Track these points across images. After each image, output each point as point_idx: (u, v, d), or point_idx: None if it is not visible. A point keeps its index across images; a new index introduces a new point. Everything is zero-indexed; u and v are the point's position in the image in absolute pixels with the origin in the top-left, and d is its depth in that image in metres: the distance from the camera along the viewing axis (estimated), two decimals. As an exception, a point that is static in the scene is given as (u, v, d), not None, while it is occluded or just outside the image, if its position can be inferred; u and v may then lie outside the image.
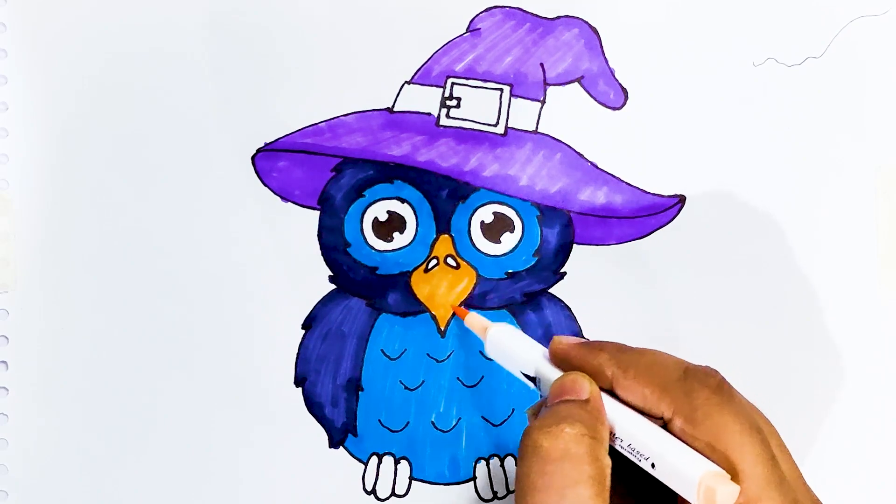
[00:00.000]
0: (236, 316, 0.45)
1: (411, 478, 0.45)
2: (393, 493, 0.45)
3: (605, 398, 0.35)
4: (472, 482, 0.45)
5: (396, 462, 0.45)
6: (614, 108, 0.45)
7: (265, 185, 0.45)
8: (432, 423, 0.45)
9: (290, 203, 0.45)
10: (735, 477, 0.32)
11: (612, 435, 0.35)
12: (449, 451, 0.45)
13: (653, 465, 0.34)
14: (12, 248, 0.44)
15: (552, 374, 0.37)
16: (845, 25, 0.46)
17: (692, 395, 0.34)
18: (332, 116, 0.45)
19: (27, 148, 0.44)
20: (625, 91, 0.45)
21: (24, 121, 0.44)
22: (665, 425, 0.34)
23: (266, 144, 0.45)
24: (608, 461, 0.34)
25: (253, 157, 0.45)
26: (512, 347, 0.39)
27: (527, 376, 0.38)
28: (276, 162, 0.45)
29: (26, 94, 0.44)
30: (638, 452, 0.34)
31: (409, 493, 0.45)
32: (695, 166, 0.45)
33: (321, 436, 0.45)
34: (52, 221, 0.44)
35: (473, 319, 0.41)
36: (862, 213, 0.46)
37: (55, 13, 0.44)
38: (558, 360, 0.38)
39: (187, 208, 0.44)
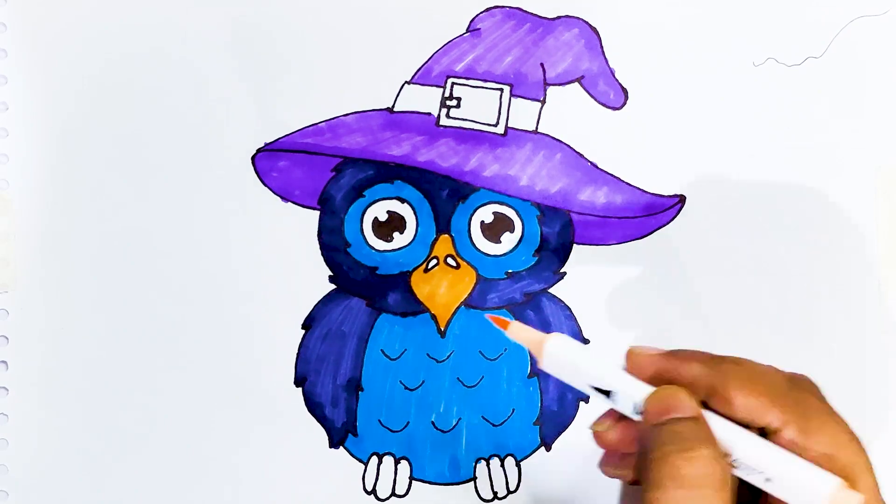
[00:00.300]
0: (236, 316, 0.45)
1: (411, 478, 0.45)
2: (393, 494, 0.45)
3: (707, 415, 0.33)
4: (472, 482, 0.45)
5: (396, 462, 0.45)
6: (614, 108, 0.45)
7: (265, 185, 0.45)
8: (432, 423, 0.45)
9: (290, 203, 0.45)
10: (854, 487, 0.32)
11: None
12: (449, 452, 0.45)
13: (767, 480, 0.32)
14: (12, 248, 0.44)
15: (635, 387, 0.34)
16: (845, 25, 0.46)
17: (804, 404, 0.33)
18: (332, 116, 0.45)
19: (27, 148, 0.44)
20: (625, 91, 0.45)
21: (24, 121, 0.44)
22: (766, 436, 0.33)
23: (266, 144, 0.45)
24: (733, 482, 0.33)
25: (253, 158, 0.45)
26: (578, 361, 0.35)
27: (598, 389, 0.35)
28: (277, 162, 0.45)
29: (26, 94, 0.44)
30: (748, 467, 0.33)
31: (409, 493, 0.45)
32: (695, 166, 0.45)
33: (321, 436, 0.45)
34: (51, 221, 0.44)
35: (520, 332, 0.36)
36: (862, 213, 0.46)
37: (55, 13, 0.44)
38: (639, 372, 0.35)
39: (187, 208, 0.44)
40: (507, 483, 0.45)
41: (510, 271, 0.45)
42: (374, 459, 0.45)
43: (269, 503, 0.45)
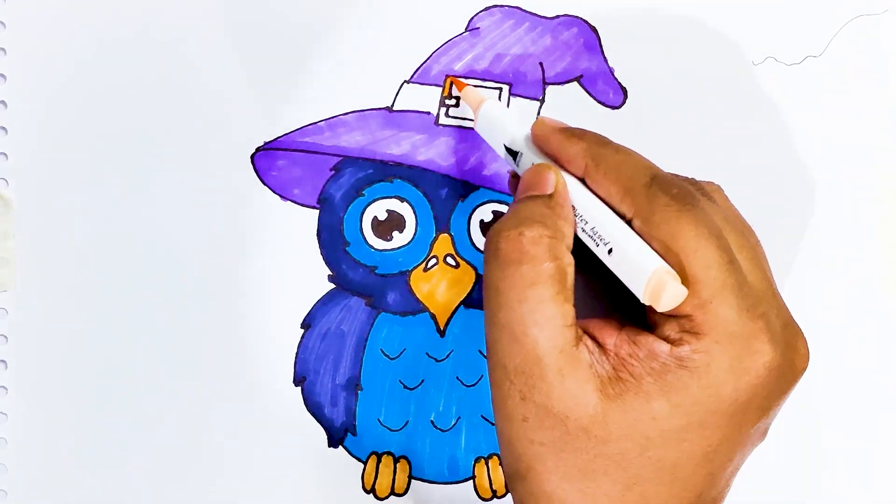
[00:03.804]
0: (235, 315, 0.45)
1: (410, 477, 0.45)
2: (392, 493, 0.45)
3: (576, 187, 0.36)
4: (471, 481, 0.45)
5: (396, 461, 0.45)
6: (613, 107, 0.45)
7: (264, 183, 0.45)
8: (431, 422, 0.45)
9: (289, 202, 0.45)
10: (685, 280, 0.32)
11: (575, 221, 0.35)
12: (448, 451, 0.45)
13: (610, 251, 0.34)
14: (11, 247, 0.44)
15: (530, 156, 0.38)
16: (845, 24, 0.46)
17: (654, 199, 0.33)
18: (331, 115, 0.45)
19: (27, 146, 0.44)
20: (624, 90, 0.45)
21: (23, 119, 0.44)
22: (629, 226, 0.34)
23: (265, 143, 0.45)
24: (570, 259, 0.34)
25: (252, 156, 0.45)
26: (501, 121, 0.40)
27: (510, 152, 0.39)
28: (276, 161, 0.45)
29: (26, 93, 0.44)
30: (598, 236, 0.34)
31: (409, 492, 0.45)
32: (693, 165, 0.45)
33: (320, 435, 0.45)
34: (51, 220, 0.44)
35: (470, 92, 0.42)
36: (862, 212, 0.46)
37: (54, 12, 0.44)
38: (540, 142, 0.38)
39: (186, 207, 0.44)
40: (505, 482, 0.45)
41: (509, 270, 0.45)
42: (374, 458, 0.45)
43: (268, 502, 0.45)
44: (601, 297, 0.37)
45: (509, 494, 0.45)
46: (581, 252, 0.35)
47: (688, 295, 0.32)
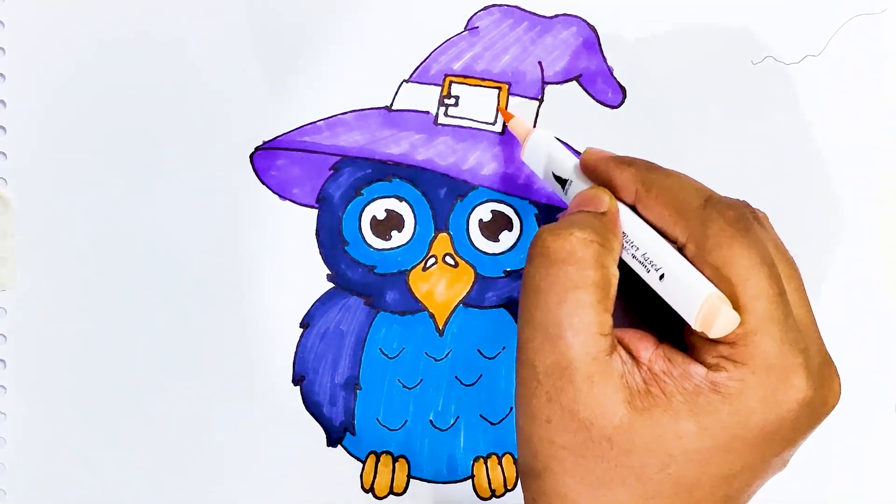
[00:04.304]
0: (234, 314, 0.45)
1: (409, 476, 0.45)
2: (391, 492, 0.45)
3: (627, 213, 0.36)
4: (470, 480, 0.45)
5: (394, 460, 0.45)
6: (612, 107, 0.45)
7: (263, 183, 0.45)
8: (430, 421, 0.45)
9: (288, 201, 0.45)
10: (737, 308, 0.32)
11: (625, 247, 0.35)
12: (447, 450, 0.45)
13: (661, 277, 0.34)
14: (10, 246, 0.44)
15: (580, 183, 0.38)
16: (844, 23, 0.46)
17: (707, 223, 0.33)
18: (330, 115, 0.45)
19: (26, 145, 0.44)
20: (623, 89, 0.45)
21: (22, 118, 0.44)
22: (680, 251, 0.34)
23: (264, 143, 0.45)
24: (616, 272, 0.34)
25: (251, 156, 0.45)
26: (550, 150, 0.41)
27: (558, 179, 0.40)
28: (275, 160, 0.45)
29: (25, 92, 0.44)
30: (650, 262, 0.34)
31: (407, 491, 0.45)
32: (693, 165, 0.45)
33: (319, 434, 0.45)
34: (50, 219, 0.44)
35: (517, 124, 0.43)
36: (861, 212, 0.46)
37: (54, 11, 0.44)
38: (588, 171, 0.38)
39: (185, 206, 0.44)
40: (504, 481, 0.45)
41: (509, 270, 0.45)
42: (372, 458, 0.45)
43: (267, 502, 0.45)
44: (637, 318, 0.37)
45: (508, 494, 0.45)
46: (622, 276, 0.35)
47: None
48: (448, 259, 0.45)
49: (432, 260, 0.45)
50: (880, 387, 0.46)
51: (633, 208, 0.36)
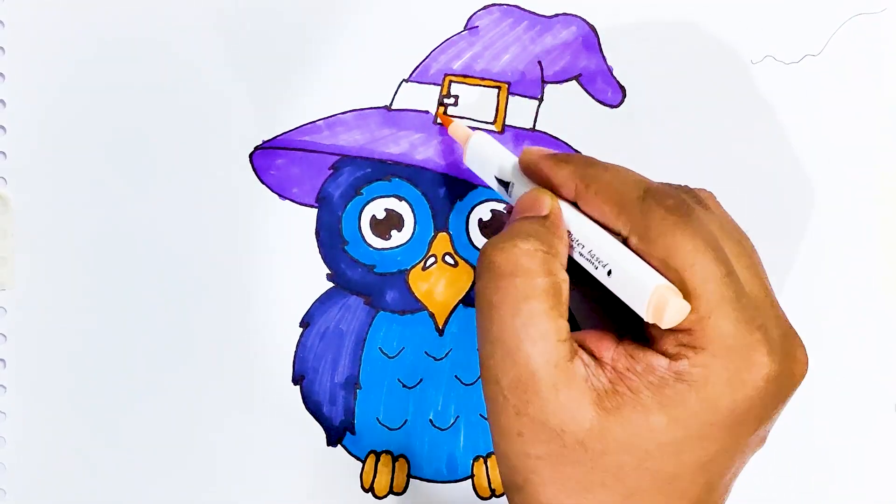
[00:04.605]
0: (234, 314, 0.45)
1: (409, 476, 0.45)
2: (391, 491, 0.45)
3: (570, 211, 0.36)
4: (469, 480, 0.45)
5: (394, 460, 0.45)
6: (612, 106, 0.45)
7: (263, 182, 0.45)
8: (430, 421, 0.45)
9: (287, 201, 0.45)
10: (686, 295, 0.32)
11: (572, 246, 0.35)
12: (447, 449, 0.45)
13: (609, 273, 0.34)
14: (10, 245, 0.44)
15: (522, 184, 0.38)
16: (844, 23, 0.46)
17: (648, 214, 0.33)
18: (329, 114, 0.45)
19: (25, 145, 0.44)
20: (622, 89, 0.45)
21: (22, 118, 0.44)
22: (625, 244, 0.34)
23: (264, 142, 0.45)
24: (564, 276, 0.34)
25: (251, 155, 0.45)
26: (489, 154, 0.41)
27: (500, 182, 0.40)
28: (274, 160, 0.45)
29: (25, 92, 0.44)
30: (596, 259, 0.34)
31: (407, 490, 0.45)
32: (692, 164, 0.45)
33: (319, 434, 0.45)
34: (49, 219, 0.44)
35: (457, 128, 0.43)
36: (861, 212, 0.46)
37: (54, 11, 0.44)
38: (528, 171, 0.38)
39: (185, 206, 0.44)
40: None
41: (508, 269, 0.45)
42: (372, 457, 0.45)
43: (267, 501, 0.45)
44: (596, 312, 0.37)
45: (508, 493, 0.45)
46: (574, 270, 0.35)
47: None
48: (448, 258, 0.45)
49: (432, 259, 0.45)
50: (880, 387, 0.46)
51: (575, 205, 0.36)
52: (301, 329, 0.45)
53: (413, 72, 0.45)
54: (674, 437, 0.32)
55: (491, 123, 0.45)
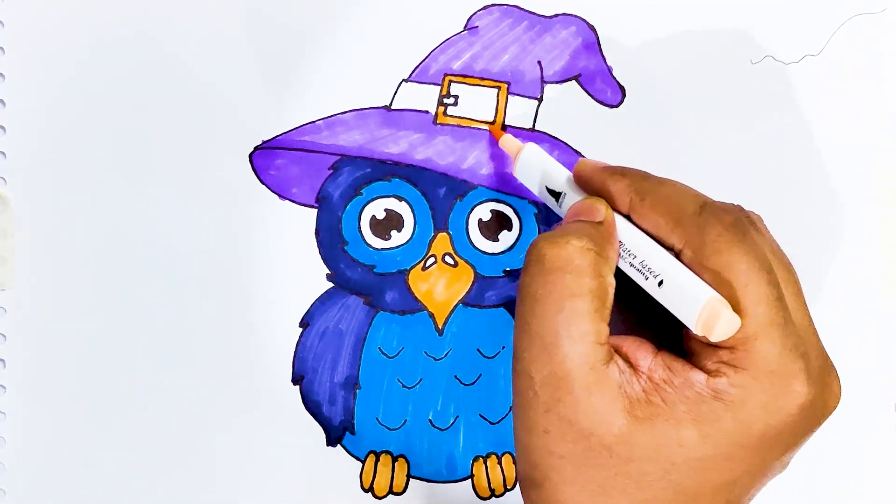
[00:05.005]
0: (234, 314, 0.45)
1: (409, 476, 0.45)
2: (390, 491, 0.45)
3: (622, 222, 0.36)
4: (469, 480, 0.45)
5: (394, 460, 0.45)
6: (612, 106, 0.45)
7: (262, 182, 0.45)
8: (430, 421, 0.45)
9: (287, 201, 0.45)
10: (737, 311, 0.32)
11: (621, 255, 0.35)
12: (446, 449, 0.45)
13: (660, 283, 0.34)
14: (10, 245, 0.44)
15: (574, 195, 0.38)
16: (843, 23, 0.46)
17: (704, 229, 0.33)
18: (329, 114, 0.45)
19: (25, 145, 0.44)
20: (622, 89, 0.45)
21: (22, 118, 0.44)
22: (677, 257, 0.34)
23: (263, 142, 0.45)
24: (612, 281, 0.34)
25: (250, 155, 0.45)
26: (542, 164, 0.41)
27: (551, 192, 0.40)
28: (274, 160, 0.45)
29: (24, 92, 0.44)
30: (648, 269, 0.34)
31: (407, 490, 0.45)
32: (692, 164, 0.45)
33: (319, 434, 0.45)
34: (49, 219, 0.44)
35: (508, 141, 0.43)
36: (861, 212, 0.46)
37: (53, 11, 0.44)
38: (582, 183, 0.38)
39: (185, 206, 0.44)
40: (504, 481, 0.45)
41: (508, 269, 0.45)
42: (372, 457, 0.45)
43: (266, 501, 0.45)
44: (628, 324, 0.37)
45: (507, 494, 0.45)
46: (617, 285, 0.35)
47: None
48: (447, 259, 0.45)
49: (432, 259, 0.45)
50: (880, 387, 0.46)
51: (629, 217, 0.36)
52: (301, 329, 0.45)
53: (413, 72, 0.45)
54: (703, 454, 0.32)
55: (491, 123, 0.45)
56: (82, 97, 0.44)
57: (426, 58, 0.45)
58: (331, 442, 0.45)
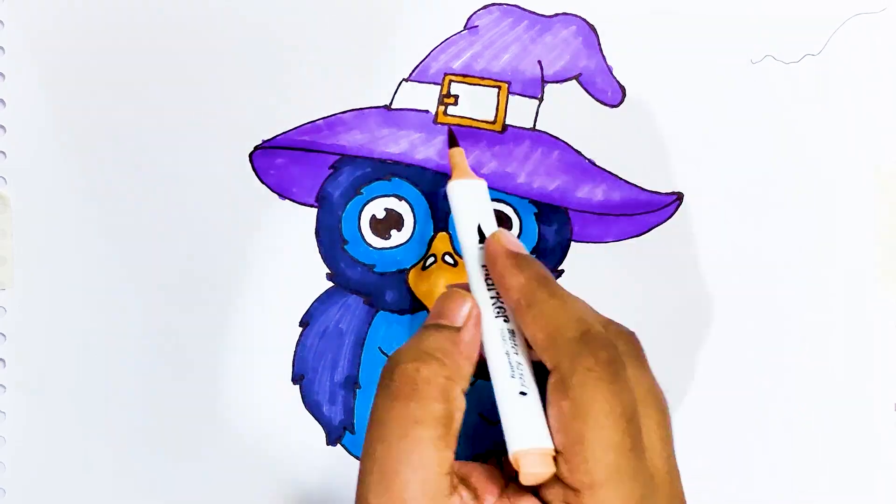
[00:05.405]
0: (234, 313, 0.45)
1: (409, 475, 0.45)
2: (390, 491, 0.45)
3: (497, 322, 0.35)
4: (469, 480, 0.45)
5: (394, 460, 0.45)
6: (612, 106, 0.45)
7: (263, 182, 0.45)
8: (430, 420, 0.45)
9: (287, 200, 0.45)
10: (581, 453, 0.32)
11: (504, 340, 0.35)
12: (447, 449, 0.45)
13: (522, 394, 0.34)
14: (9, 245, 0.44)
15: (475, 262, 0.37)
16: (843, 22, 0.46)
17: (577, 359, 0.32)
18: (329, 114, 0.45)
19: (25, 145, 0.44)
20: (622, 88, 0.45)
21: (21, 118, 0.44)
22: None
23: (264, 142, 0.45)
24: (461, 404, 0.34)
25: (251, 155, 0.45)
26: (460, 209, 0.38)
27: (480, 234, 0.38)
28: (274, 159, 0.45)
29: (24, 92, 0.44)
30: (520, 375, 0.34)
31: (407, 490, 0.45)
32: (692, 164, 0.45)
33: (319, 433, 0.45)
34: (49, 219, 0.44)
35: (457, 156, 0.40)
36: (861, 211, 0.46)
37: (53, 10, 0.44)
38: (488, 259, 0.36)
39: (185, 205, 0.44)
40: (504, 480, 0.45)
41: (508, 269, 0.45)
42: (372, 457, 0.45)
43: (266, 501, 0.45)
44: None
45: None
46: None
47: (580, 472, 0.32)
48: (447, 258, 0.45)
49: (432, 259, 0.45)
50: (880, 387, 0.46)
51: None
52: (301, 328, 0.45)
53: (413, 71, 0.45)
54: None
55: (491, 123, 0.45)
56: (82, 97, 0.44)
57: (426, 57, 0.45)
58: (331, 442, 0.45)
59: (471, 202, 0.39)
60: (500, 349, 0.35)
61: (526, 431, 0.33)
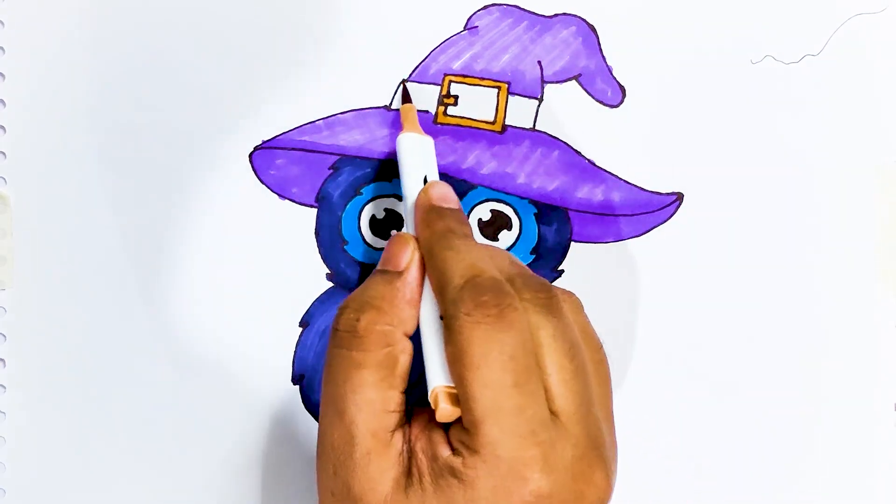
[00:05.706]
0: (233, 314, 0.45)
1: (409, 475, 0.45)
2: (390, 491, 0.45)
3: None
4: (469, 480, 0.45)
5: (394, 460, 0.45)
6: (612, 106, 0.45)
7: (262, 182, 0.45)
8: (430, 420, 0.45)
9: (287, 201, 0.45)
10: (466, 394, 0.33)
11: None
12: (446, 449, 0.45)
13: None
14: (9, 245, 0.44)
15: (410, 214, 0.40)
16: (844, 23, 0.46)
17: (457, 305, 0.34)
18: (329, 114, 0.45)
19: (25, 145, 0.44)
20: (622, 88, 0.45)
21: (21, 118, 0.44)
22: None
23: (263, 142, 0.45)
24: (404, 346, 0.36)
25: (250, 155, 0.45)
26: (407, 161, 0.41)
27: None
28: (274, 159, 0.45)
29: (24, 91, 0.44)
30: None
31: (407, 490, 0.45)
32: (693, 164, 0.45)
33: (319, 433, 0.45)
34: (49, 218, 0.44)
35: (408, 111, 0.43)
36: (861, 212, 0.46)
37: (53, 10, 0.44)
38: (416, 210, 0.39)
39: (185, 205, 0.44)
40: (504, 481, 0.45)
41: (508, 269, 0.45)
42: (372, 457, 0.45)
43: (266, 501, 0.45)
44: None
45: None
46: None
47: (463, 411, 0.33)
48: (447, 258, 0.45)
49: (432, 259, 0.45)
50: (880, 387, 0.46)
51: None
52: (301, 328, 0.45)
53: (413, 72, 0.45)
54: None
55: (491, 123, 0.45)
56: (82, 97, 0.44)
57: (426, 58, 0.45)
58: (331, 442, 0.45)
59: (418, 155, 0.41)
60: (427, 295, 0.37)
61: (441, 371, 0.35)
